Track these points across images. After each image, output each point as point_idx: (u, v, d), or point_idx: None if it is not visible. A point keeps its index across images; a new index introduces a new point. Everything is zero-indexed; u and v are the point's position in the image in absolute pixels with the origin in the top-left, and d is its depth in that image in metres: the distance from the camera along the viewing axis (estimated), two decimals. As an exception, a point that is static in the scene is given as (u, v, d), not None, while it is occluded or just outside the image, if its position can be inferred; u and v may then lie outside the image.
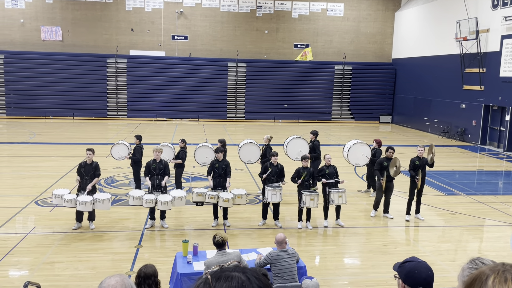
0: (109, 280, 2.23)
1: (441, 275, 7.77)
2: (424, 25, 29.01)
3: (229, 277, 1.28)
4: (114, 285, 2.20)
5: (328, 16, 32.54)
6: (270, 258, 6.31)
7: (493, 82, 22.39)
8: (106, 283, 2.22)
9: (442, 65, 26.78)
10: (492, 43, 22.44)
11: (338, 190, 9.97)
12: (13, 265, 7.86)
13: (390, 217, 10.69)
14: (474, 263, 2.04)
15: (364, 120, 32.83)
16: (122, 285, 2.21)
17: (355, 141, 12.62)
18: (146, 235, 9.45)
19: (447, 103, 26.36)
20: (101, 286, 2.22)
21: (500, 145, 22.43)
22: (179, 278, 6.34)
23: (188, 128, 27.28)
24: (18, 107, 29.82)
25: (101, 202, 9.28)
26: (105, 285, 2.21)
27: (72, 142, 20.52)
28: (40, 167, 15.61)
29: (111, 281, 2.22)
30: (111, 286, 2.20)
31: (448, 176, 15.72)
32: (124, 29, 31.02)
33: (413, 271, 2.58)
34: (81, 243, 8.91)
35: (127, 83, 30.95)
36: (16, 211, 10.67)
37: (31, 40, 30.23)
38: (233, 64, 31.73)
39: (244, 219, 10.58)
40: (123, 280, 2.24)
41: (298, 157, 12.27)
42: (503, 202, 12.69)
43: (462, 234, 10.12)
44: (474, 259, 2.06)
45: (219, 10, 31.60)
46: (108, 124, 28.55)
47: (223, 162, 10.06)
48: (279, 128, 27.95)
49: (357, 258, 8.82)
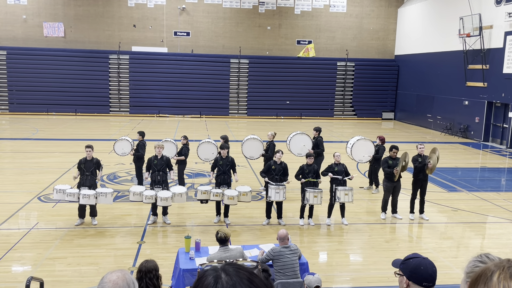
0: (110, 275, 2.23)
1: (443, 271, 7.76)
2: (427, 22, 28.90)
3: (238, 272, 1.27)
4: (115, 280, 2.20)
5: (330, 12, 32.45)
6: (272, 254, 6.32)
7: (497, 79, 22.31)
8: (107, 278, 2.22)
9: (445, 61, 26.69)
10: (496, 39, 22.34)
11: (345, 188, 9.87)
12: (16, 260, 7.89)
13: (399, 218, 10.63)
14: (480, 257, 2.07)
15: (366, 117, 32.78)
16: (123, 280, 2.21)
17: (358, 137, 12.60)
18: (149, 231, 9.47)
19: (450, 100, 26.29)
20: (102, 282, 2.22)
21: (503, 142, 22.37)
22: (182, 274, 6.35)
23: (190, 124, 27.29)
24: (21, 103, 29.87)
25: (104, 196, 9.30)
26: (107, 281, 2.21)
27: (75, 138, 20.55)
28: (43, 163, 15.64)
29: (113, 276, 2.22)
30: (112, 282, 2.19)
31: (450, 173, 15.69)
32: (126, 25, 31.00)
33: (419, 267, 2.56)
34: (83, 239, 8.93)
35: (130, 79, 30.96)
36: (19, 207, 10.70)
37: (33, 36, 30.24)
38: (235, 60, 31.69)
39: (246, 215, 10.59)
40: (124, 275, 2.24)
41: (301, 153, 12.25)
42: (505, 199, 12.66)
43: (465, 231, 10.11)
44: (481, 254, 2.08)
45: (222, 6, 31.54)
46: (111, 120, 28.59)
47: (227, 159, 10.03)
48: (281, 125, 27.93)
49: (359, 255, 8.82)
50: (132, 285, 2.24)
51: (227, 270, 1.27)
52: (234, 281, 1.24)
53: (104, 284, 2.20)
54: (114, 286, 2.18)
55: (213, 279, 1.25)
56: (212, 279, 1.25)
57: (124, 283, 2.21)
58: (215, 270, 1.28)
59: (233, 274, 1.26)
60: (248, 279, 1.25)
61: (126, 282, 2.22)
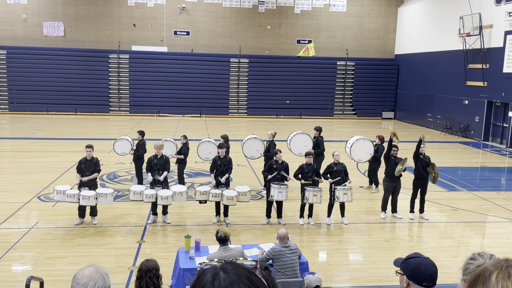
0: (82, 271, 2.21)
1: (443, 271, 7.77)
2: (427, 21, 28.89)
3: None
4: (89, 274, 2.19)
5: (330, 12, 32.44)
6: (272, 254, 6.32)
7: (497, 78, 22.30)
8: (80, 274, 2.20)
9: (445, 61, 26.68)
10: (496, 38, 22.34)
11: (344, 188, 9.88)
12: (16, 260, 7.89)
13: (399, 217, 10.63)
14: (472, 255, 2.16)
15: (366, 116, 32.78)
16: (96, 273, 2.20)
17: (358, 137, 12.60)
18: (149, 230, 9.47)
19: (450, 99, 26.29)
20: (75, 278, 2.19)
21: (503, 141, 22.36)
22: (182, 273, 6.35)
23: (190, 124, 27.29)
24: (21, 103, 29.87)
25: (104, 197, 9.30)
26: (80, 276, 2.19)
27: (75, 138, 20.55)
28: (43, 162, 15.65)
29: (85, 271, 2.21)
30: (86, 276, 2.18)
31: (450, 172, 15.70)
32: (126, 24, 30.99)
33: (419, 267, 2.56)
34: (83, 238, 8.94)
35: (129, 78, 30.96)
36: (19, 206, 10.70)
37: (33, 36, 30.23)
38: (235, 59, 31.69)
39: (246, 215, 10.59)
40: (96, 268, 2.23)
41: (301, 153, 12.25)
42: (505, 199, 12.66)
43: (464, 231, 10.11)
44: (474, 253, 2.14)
45: (221, 6, 31.53)
46: (110, 120, 28.58)
47: (225, 159, 10.03)
48: (281, 124, 27.93)
49: (359, 254, 8.82)
50: (106, 276, 2.23)
51: (225, 268, 1.27)
52: (232, 278, 1.24)
53: (79, 280, 2.17)
54: (89, 280, 2.17)
55: (211, 277, 1.25)
56: (210, 277, 1.25)
57: (98, 275, 2.19)
58: (213, 268, 1.29)
59: (232, 272, 1.26)
60: (246, 277, 1.25)
61: (100, 273, 2.21)
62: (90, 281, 2.15)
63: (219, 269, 1.27)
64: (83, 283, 2.15)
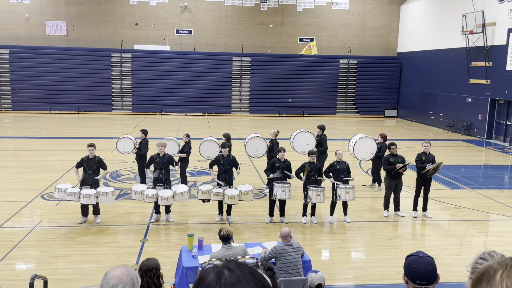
0: (114, 271, 2.22)
1: (446, 269, 7.76)
2: (430, 19, 28.81)
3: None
4: (119, 276, 2.19)
5: (333, 10, 32.38)
6: (275, 252, 6.32)
7: (500, 76, 22.23)
8: (111, 274, 2.21)
9: (448, 58, 26.61)
10: (499, 36, 22.26)
11: (346, 186, 9.87)
12: (20, 258, 7.92)
13: (402, 215, 10.61)
14: (482, 254, 2.12)
15: (369, 114, 32.73)
16: (127, 275, 2.21)
17: (360, 135, 12.58)
18: (151, 229, 9.49)
19: (453, 97, 26.22)
20: (106, 277, 2.20)
21: (506, 139, 22.30)
22: (185, 271, 6.36)
23: (192, 122, 27.31)
24: (24, 102, 29.95)
25: (104, 195, 9.31)
26: (110, 276, 2.20)
27: (77, 137, 20.59)
28: (46, 161, 15.68)
29: (116, 272, 2.21)
30: (116, 277, 2.18)
31: (453, 170, 15.66)
32: (129, 23, 31.01)
33: (411, 265, 2.63)
34: (86, 237, 8.96)
35: (132, 77, 30.99)
36: (22, 205, 10.74)
37: (36, 35, 30.29)
38: (238, 58, 31.68)
39: (249, 213, 10.59)
40: (128, 270, 2.23)
41: (304, 151, 12.24)
42: (508, 197, 12.63)
43: (468, 229, 10.09)
44: (485, 252, 2.11)
45: (224, 4, 31.52)
46: (113, 119, 28.63)
47: (228, 158, 10.03)
48: (284, 123, 27.92)
49: (362, 252, 8.82)
50: (136, 280, 2.24)
51: (229, 267, 1.28)
52: (238, 275, 1.24)
53: (109, 280, 2.18)
54: (118, 282, 2.17)
55: (215, 276, 1.25)
56: (215, 276, 1.25)
57: (128, 278, 2.20)
58: (216, 267, 1.29)
59: (236, 270, 1.26)
60: (250, 273, 1.26)
61: (130, 277, 2.21)
62: (120, 284, 2.16)
63: (222, 267, 1.28)
64: (112, 284, 2.16)
